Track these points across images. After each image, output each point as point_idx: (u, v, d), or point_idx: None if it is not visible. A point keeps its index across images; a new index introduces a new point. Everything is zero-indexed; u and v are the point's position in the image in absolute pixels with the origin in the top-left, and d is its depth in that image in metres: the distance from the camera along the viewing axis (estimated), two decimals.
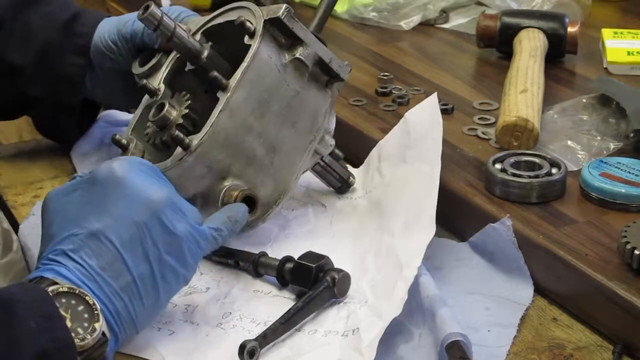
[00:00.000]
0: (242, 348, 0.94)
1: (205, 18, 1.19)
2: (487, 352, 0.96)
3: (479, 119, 1.35)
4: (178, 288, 0.96)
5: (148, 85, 1.16)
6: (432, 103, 1.20)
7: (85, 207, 0.92)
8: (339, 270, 1.03)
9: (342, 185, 1.24)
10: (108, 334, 0.88)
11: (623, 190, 1.12)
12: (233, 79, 1.07)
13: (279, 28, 1.12)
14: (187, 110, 1.11)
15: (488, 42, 1.60)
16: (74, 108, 1.32)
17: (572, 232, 1.07)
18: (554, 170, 1.15)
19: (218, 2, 1.29)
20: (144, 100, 1.18)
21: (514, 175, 1.14)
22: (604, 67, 1.54)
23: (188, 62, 1.15)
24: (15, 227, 1.18)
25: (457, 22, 1.78)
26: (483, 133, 1.31)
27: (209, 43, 1.15)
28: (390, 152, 1.22)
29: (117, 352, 0.96)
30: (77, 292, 0.87)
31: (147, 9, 1.08)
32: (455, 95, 1.44)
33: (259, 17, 1.11)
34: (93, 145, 1.37)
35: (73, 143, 1.37)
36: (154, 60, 1.21)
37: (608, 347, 0.98)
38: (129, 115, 1.41)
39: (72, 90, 1.30)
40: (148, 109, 1.15)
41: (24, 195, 1.28)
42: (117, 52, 1.27)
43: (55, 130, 1.37)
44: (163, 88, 1.17)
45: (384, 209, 1.15)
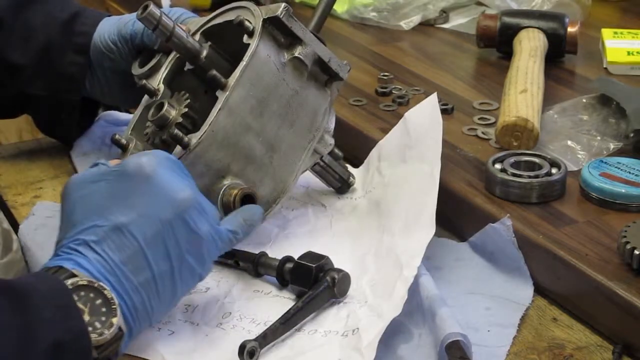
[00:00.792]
0: (242, 348, 0.94)
1: (205, 18, 1.19)
2: (487, 352, 0.96)
3: (479, 119, 1.35)
4: (193, 286, 0.96)
5: (147, 86, 1.16)
6: (432, 103, 1.20)
7: (111, 199, 0.92)
8: (339, 270, 1.03)
9: (342, 186, 1.24)
10: (124, 328, 0.88)
11: (623, 190, 1.11)
12: (232, 78, 1.07)
13: (278, 27, 1.12)
14: (186, 109, 1.11)
15: (488, 42, 1.59)
16: (74, 106, 1.32)
17: (572, 232, 1.07)
18: (554, 170, 1.15)
19: (218, 2, 1.29)
20: (144, 101, 1.18)
21: (514, 175, 1.14)
22: (604, 67, 1.54)
23: (187, 62, 1.15)
24: (15, 227, 1.18)
25: (457, 22, 1.78)
26: (483, 133, 1.31)
27: (208, 43, 1.15)
28: (390, 152, 1.22)
29: None
30: (95, 285, 0.87)
31: (146, 9, 1.08)
32: (455, 95, 1.44)
33: (258, 16, 1.11)
34: (93, 145, 1.37)
35: (73, 141, 1.37)
36: (154, 61, 1.21)
37: (608, 347, 0.98)
38: (129, 115, 1.41)
39: (72, 89, 1.30)
40: (147, 109, 1.15)
41: (24, 195, 1.28)
42: (116, 52, 1.27)
43: (56, 129, 1.37)
44: (162, 88, 1.17)
45: (384, 209, 1.15)
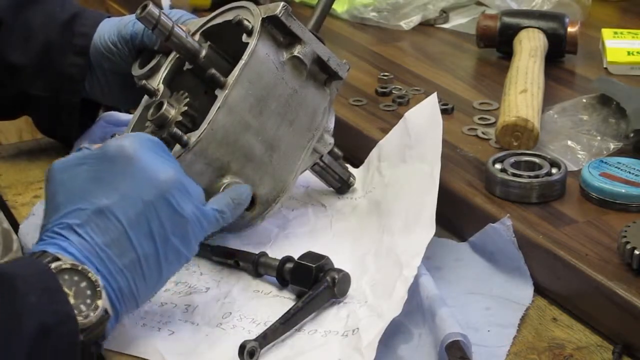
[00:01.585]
0: (242, 348, 0.93)
1: (204, 19, 1.19)
2: (487, 352, 0.96)
3: (479, 119, 1.35)
4: (179, 268, 0.96)
5: (147, 86, 1.16)
6: (432, 103, 1.20)
7: (94, 182, 0.92)
8: (339, 270, 1.03)
9: (342, 186, 1.24)
10: (110, 311, 0.88)
11: (623, 190, 1.11)
12: (231, 77, 1.07)
13: (277, 26, 1.12)
14: (185, 108, 1.11)
15: (488, 42, 1.59)
16: (74, 107, 1.32)
17: (572, 232, 1.07)
18: (554, 170, 1.15)
19: (218, 2, 1.29)
20: (144, 101, 1.18)
21: (514, 175, 1.14)
22: (604, 67, 1.54)
23: (187, 61, 1.15)
24: (15, 227, 1.18)
25: (457, 22, 1.78)
26: (483, 133, 1.31)
27: (208, 43, 1.15)
28: (390, 152, 1.22)
29: (117, 352, 0.97)
30: (79, 268, 0.87)
31: (145, 8, 1.08)
32: (455, 95, 1.44)
33: (257, 15, 1.11)
34: None
35: (74, 141, 1.37)
36: (154, 62, 1.21)
37: (608, 347, 0.98)
38: (129, 116, 1.41)
39: (72, 90, 1.30)
40: (147, 109, 1.15)
41: (24, 195, 1.28)
42: (116, 53, 1.27)
43: (56, 129, 1.37)
44: (162, 88, 1.17)
45: (384, 209, 1.15)
